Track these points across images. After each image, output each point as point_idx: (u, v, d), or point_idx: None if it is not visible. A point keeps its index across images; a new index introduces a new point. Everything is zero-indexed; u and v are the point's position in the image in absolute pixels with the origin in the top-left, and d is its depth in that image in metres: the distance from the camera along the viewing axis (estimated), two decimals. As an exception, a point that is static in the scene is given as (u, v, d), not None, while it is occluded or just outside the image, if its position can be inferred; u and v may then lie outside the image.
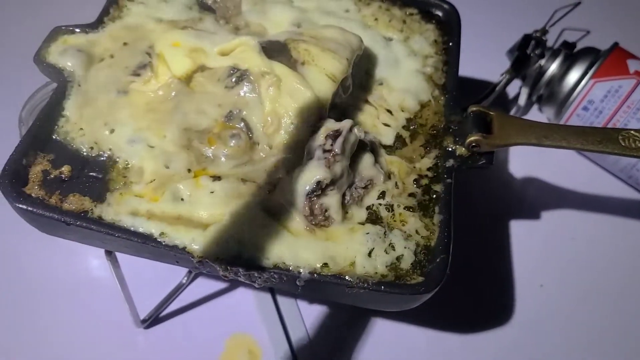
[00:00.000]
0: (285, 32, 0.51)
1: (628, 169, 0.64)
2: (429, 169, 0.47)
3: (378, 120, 0.50)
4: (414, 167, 0.47)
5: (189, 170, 0.44)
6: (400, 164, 0.47)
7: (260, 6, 0.54)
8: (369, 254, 0.41)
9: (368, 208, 0.44)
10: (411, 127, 0.50)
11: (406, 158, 0.48)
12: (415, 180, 0.46)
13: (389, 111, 0.50)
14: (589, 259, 0.62)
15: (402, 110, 0.50)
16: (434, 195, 0.46)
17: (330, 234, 0.42)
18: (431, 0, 0.57)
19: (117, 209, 0.42)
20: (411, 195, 0.45)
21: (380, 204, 0.44)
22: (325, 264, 0.40)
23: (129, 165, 0.44)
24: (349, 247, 0.41)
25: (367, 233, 0.42)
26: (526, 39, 0.68)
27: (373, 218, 0.44)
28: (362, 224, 0.43)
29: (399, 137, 0.49)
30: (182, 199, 0.42)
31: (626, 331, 0.58)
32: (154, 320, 0.56)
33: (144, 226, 0.41)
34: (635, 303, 0.60)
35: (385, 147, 0.48)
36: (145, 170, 0.44)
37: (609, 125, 0.62)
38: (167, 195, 0.43)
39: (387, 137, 0.49)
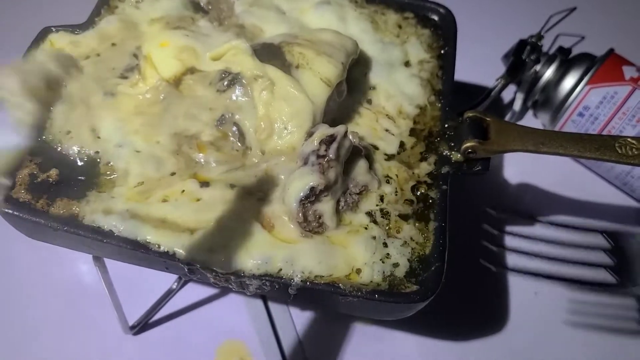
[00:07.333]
0: (280, 34, 0.50)
1: (623, 176, 0.63)
2: (427, 175, 0.47)
3: (377, 123, 0.49)
4: (413, 173, 0.46)
5: (177, 175, 0.43)
6: (399, 169, 0.46)
7: (256, 8, 0.54)
8: (364, 262, 0.40)
9: (365, 214, 0.43)
10: (411, 133, 0.49)
11: (405, 163, 0.47)
12: (413, 186, 0.46)
13: (389, 117, 0.50)
14: (584, 267, 0.62)
15: (401, 115, 0.50)
16: (430, 202, 0.45)
17: (325, 241, 0.41)
18: (427, 5, 0.57)
19: (99, 210, 0.41)
20: (407, 201, 0.45)
21: (376, 211, 0.44)
22: (320, 275, 0.39)
23: (117, 169, 0.44)
24: (343, 255, 0.40)
25: (362, 240, 0.41)
26: (521, 44, 0.68)
27: (368, 225, 0.43)
28: (357, 231, 0.42)
29: (401, 144, 0.48)
30: (167, 204, 0.42)
31: (621, 339, 0.58)
32: (143, 326, 0.55)
33: (129, 230, 0.40)
34: (631, 310, 0.59)
35: (387, 154, 0.47)
36: (132, 174, 0.43)
37: (605, 132, 0.62)
38: (153, 199, 0.42)
39: (389, 143, 0.48)
